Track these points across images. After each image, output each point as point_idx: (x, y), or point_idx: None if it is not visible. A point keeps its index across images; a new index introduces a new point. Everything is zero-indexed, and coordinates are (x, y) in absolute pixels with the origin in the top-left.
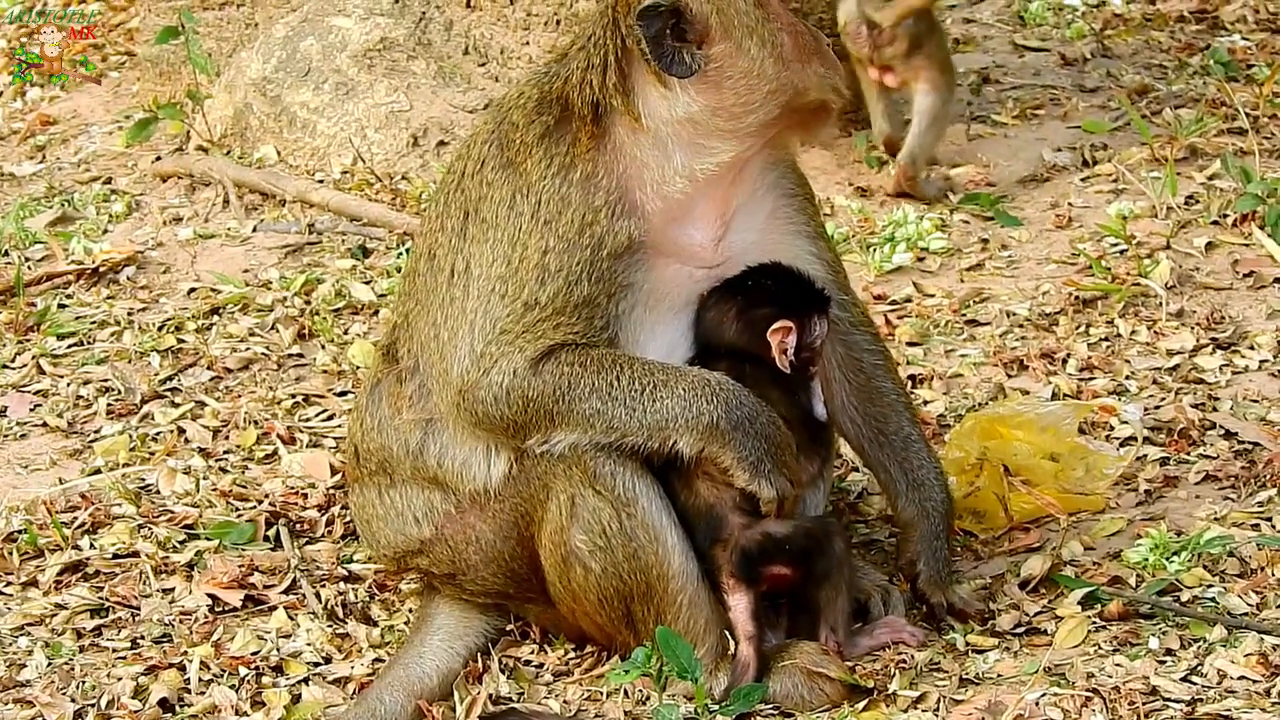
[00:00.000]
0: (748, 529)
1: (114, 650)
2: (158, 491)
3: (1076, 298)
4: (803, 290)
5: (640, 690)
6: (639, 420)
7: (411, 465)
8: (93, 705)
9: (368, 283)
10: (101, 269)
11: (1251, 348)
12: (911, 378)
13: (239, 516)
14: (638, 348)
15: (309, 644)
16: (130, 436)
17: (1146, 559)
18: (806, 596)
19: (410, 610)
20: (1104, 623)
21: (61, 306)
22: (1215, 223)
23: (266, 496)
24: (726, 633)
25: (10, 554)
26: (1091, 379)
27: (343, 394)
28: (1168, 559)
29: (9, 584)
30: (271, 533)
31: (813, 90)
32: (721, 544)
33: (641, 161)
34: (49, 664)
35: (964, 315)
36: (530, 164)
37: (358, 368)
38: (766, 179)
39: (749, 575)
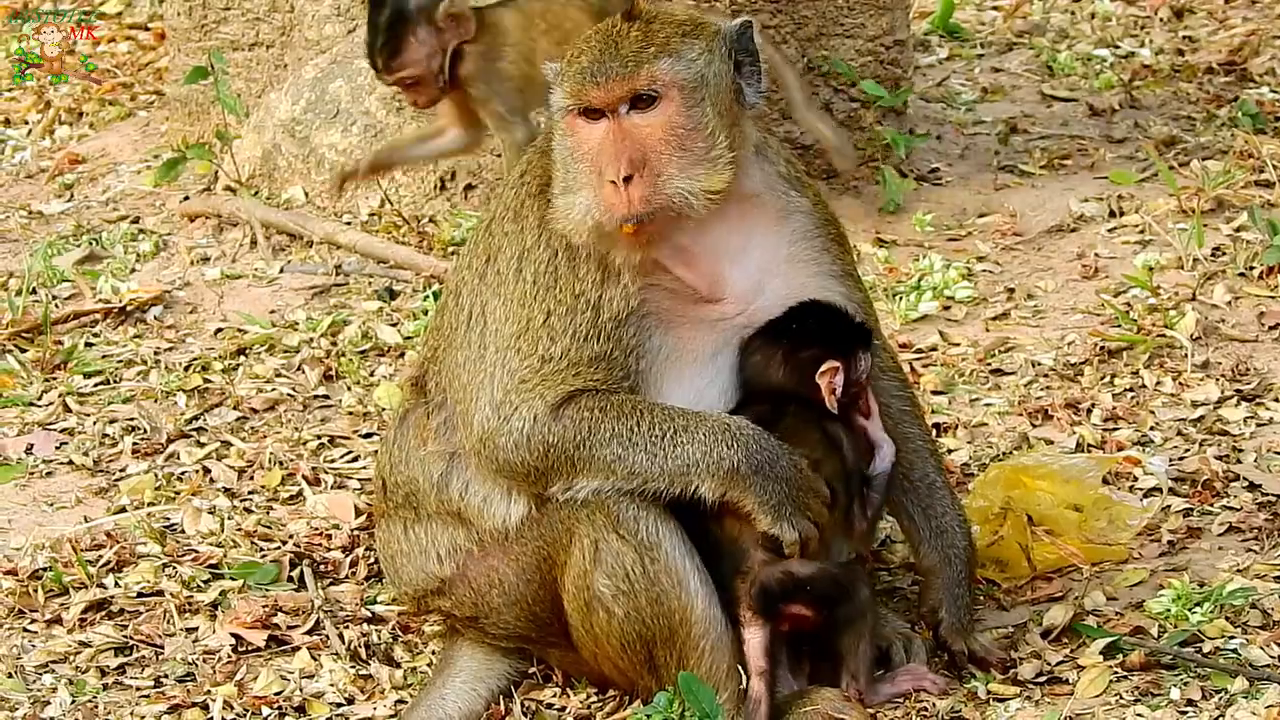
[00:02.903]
0: (770, 565)
1: (137, 689)
2: (182, 531)
3: (1102, 348)
4: (846, 327)
5: None
6: (660, 466)
7: (436, 498)
8: None
9: (394, 325)
10: (128, 308)
11: (1276, 400)
12: (936, 426)
13: (263, 557)
14: (663, 398)
15: (332, 685)
16: (156, 476)
17: (1169, 609)
18: (829, 642)
19: (433, 652)
20: (1126, 673)
21: (88, 345)
22: (1242, 275)
23: (291, 537)
24: (740, 668)
25: (35, 591)
26: (1116, 429)
27: (368, 435)
28: (1190, 610)
29: (34, 621)
30: (295, 573)
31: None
32: (742, 575)
33: None
34: (73, 701)
35: (989, 364)
36: (529, 223)
37: (383, 409)
38: (788, 225)
39: (767, 611)
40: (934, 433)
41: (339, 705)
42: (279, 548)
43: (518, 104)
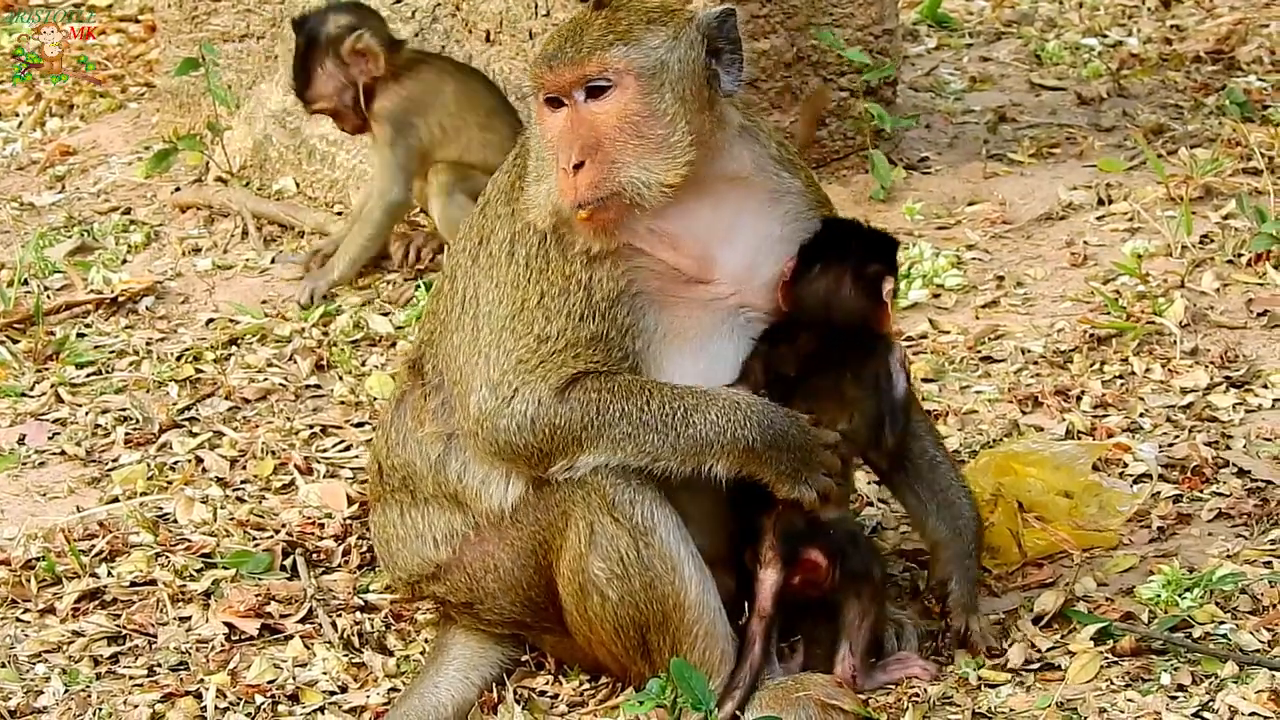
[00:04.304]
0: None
1: (131, 678)
2: (175, 520)
3: (1091, 335)
4: (879, 239)
5: None
6: (673, 445)
7: (433, 480)
8: None
9: (385, 314)
10: (120, 299)
11: (1265, 386)
12: (927, 413)
13: (256, 546)
14: (663, 378)
15: (325, 673)
16: (148, 465)
17: (1159, 595)
18: (834, 604)
19: (426, 640)
20: (1116, 658)
21: (80, 336)
22: (1230, 262)
23: (283, 526)
24: (744, 609)
25: (28, 581)
26: (1106, 416)
27: (360, 425)
28: (1180, 595)
29: (27, 611)
30: (288, 562)
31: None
32: (768, 514)
33: None
34: (66, 691)
35: (979, 352)
36: (519, 206)
37: (375, 399)
38: (781, 206)
39: (788, 551)
40: None
41: (332, 694)
42: (271, 537)
43: (411, 166)
